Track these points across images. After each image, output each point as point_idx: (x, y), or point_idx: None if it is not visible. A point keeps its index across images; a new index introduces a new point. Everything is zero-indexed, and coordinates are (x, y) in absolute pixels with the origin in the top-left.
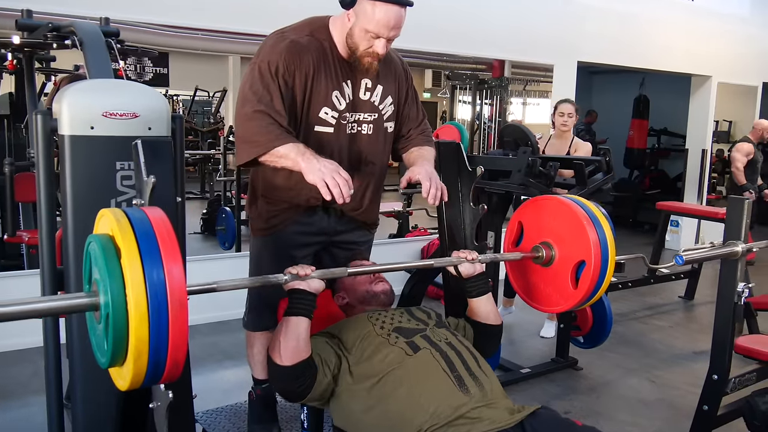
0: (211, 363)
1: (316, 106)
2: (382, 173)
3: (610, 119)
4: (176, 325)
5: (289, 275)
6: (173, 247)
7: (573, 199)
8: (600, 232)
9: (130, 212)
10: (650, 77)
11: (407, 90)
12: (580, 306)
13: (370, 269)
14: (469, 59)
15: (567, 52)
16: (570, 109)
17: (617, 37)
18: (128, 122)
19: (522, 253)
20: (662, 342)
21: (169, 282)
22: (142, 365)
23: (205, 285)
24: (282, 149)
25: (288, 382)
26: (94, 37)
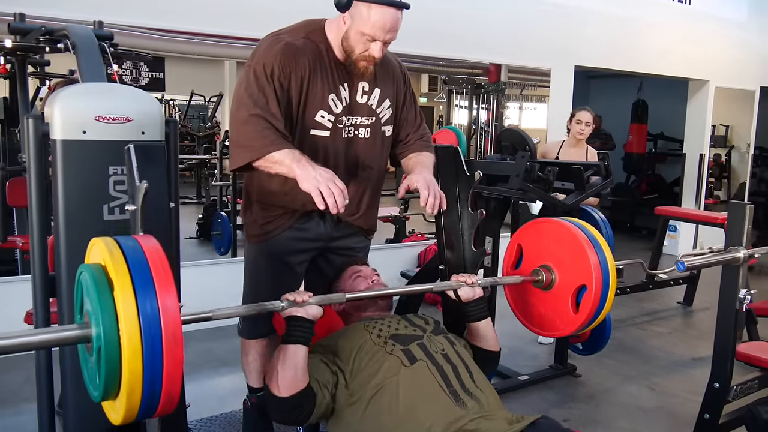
0: (206, 370)
1: (312, 109)
2: (380, 178)
3: (608, 124)
4: (171, 359)
5: (286, 302)
6: (167, 278)
7: (573, 222)
8: (601, 256)
9: (122, 241)
10: (648, 81)
11: (405, 93)
12: (581, 331)
13: (367, 294)
14: (465, 63)
15: (564, 56)
16: (588, 117)
17: (614, 42)
18: (121, 126)
19: (522, 277)
20: (661, 348)
21: (164, 315)
22: (136, 400)
23: (201, 314)
24: (277, 155)
25: (287, 413)
26: (86, 41)
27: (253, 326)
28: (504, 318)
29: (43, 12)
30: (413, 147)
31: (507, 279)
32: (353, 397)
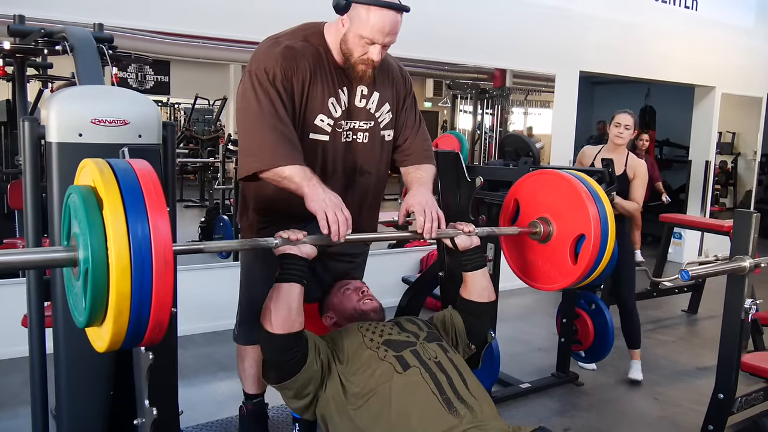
0: (205, 374)
1: (312, 112)
2: (380, 183)
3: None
4: (160, 282)
5: (279, 239)
6: (159, 200)
7: (571, 173)
8: (600, 207)
9: (114, 162)
10: (655, 88)
11: (405, 97)
12: (580, 282)
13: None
14: (470, 68)
15: (569, 61)
16: (628, 120)
17: (619, 47)
18: (117, 129)
19: (519, 228)
20: (665, 357)
21: (155, 236)
22: (123, 323)
23: (192, 244)
24: (287, 170)
25: (279, 353)
26: (85, 43)
27: (250, 332)
28: (506, 323)
29: (48, 15)
30: (413, 157)
31: (504, 230)
32: (347, 403)
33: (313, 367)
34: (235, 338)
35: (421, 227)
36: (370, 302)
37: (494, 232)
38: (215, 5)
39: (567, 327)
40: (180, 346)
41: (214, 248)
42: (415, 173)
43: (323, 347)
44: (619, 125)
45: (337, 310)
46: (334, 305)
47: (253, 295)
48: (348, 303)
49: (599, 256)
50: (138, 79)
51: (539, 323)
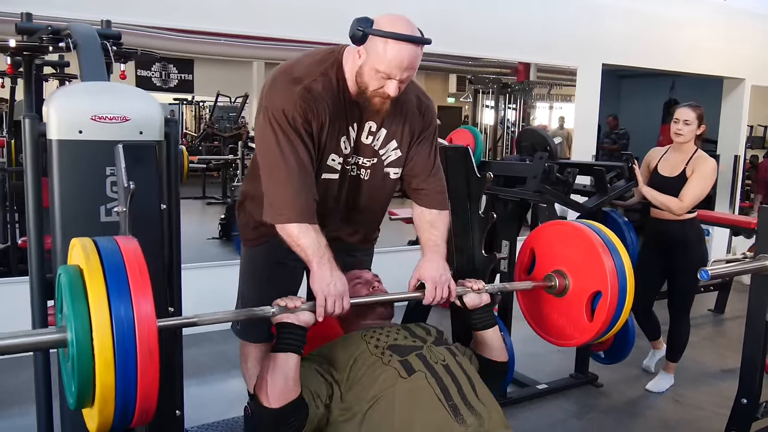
0: (219, 372)
1: (326, 153)
2: (380, 213)
3: (638, 124)
4: (145, 372)
5: (276, 307)
6: (145, 284)
7: (588, 224)
8: (617, 260)
9: (101, 243)
10: (681, 81)
11: (421, 132)
12: (597, 340)
13: (365, 300)
14: (493, 63)
15: (591, 54)
16: (687, 114)
17: (643, 38)
18: (118, 126)
19: (533, 283)
20: (689, 358)
21: (138, 324)
22: (109, 412)
23: (184, 319)
24: (303, 240)
25: (276, 426)
26: (88, 39)
27: (251, 328)
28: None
29: (64, 14)
30: (427, 199)
31: (518, 285)
32: (349, 411)
33: (316, 416)
34: (235, 331)
35: (429, 298)
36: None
37: (506, 288)
38: (238, 2)
39: None
40: (195, 343)
41: (210, 321)
42: (428, 232)
43: (321, 386)
44: (678, 121)
45: None
46: None
47: (252, 294)
48: (357, 295)
49: (617, 314)
50: (162, 77)
51: None
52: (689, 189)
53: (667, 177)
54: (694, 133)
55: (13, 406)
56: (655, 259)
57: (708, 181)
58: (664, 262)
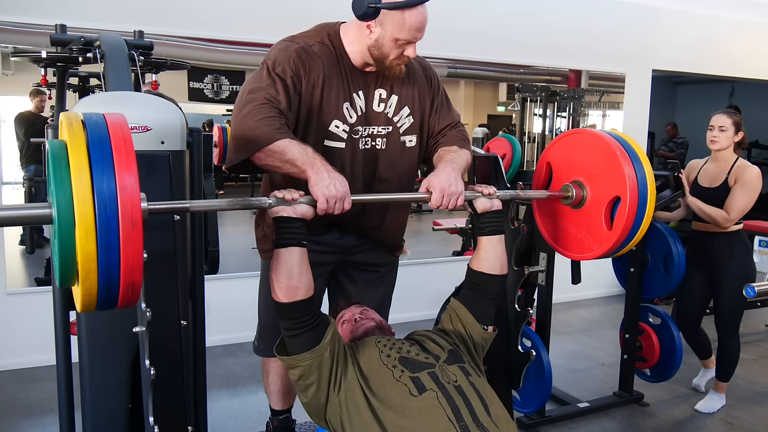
0: (251, 384)
1: (327, 118)
2: (405, 189)
3: (695, 132)
4: (128, 242)
5: (273, 199)
6: (129, 157)
7: (608, 132)
8: (638, 167)
9: (87, 116)
10: (741, 86)
11: (433, 98)
12: (617, 251)
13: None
14: (543, 71)
15: (640, 59)
16: (723, 121)
17: (697, 43)
18: (139, 136)
19: (548, 192)
20: (743, 377)
21: (121, 195)
22: (92, 284)
23: (175, 204)
24: (289, 153)
25: (289, 320)
26: (115, 50)
27: (270, 344)
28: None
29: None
30: (444, 140)
31: (531, 193)
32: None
33: (324, 353)
34: (256, 350)
35: (435, 205)
36: (363, 325)
37: (519, 195)
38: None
39: (630, 343)
40: (231, 353)
41: (201, 207)
42: (445, 153)
43: (343, 346)
44: (713, 128)
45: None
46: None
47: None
48: (347, 335)
49: (637, 220)
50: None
51: (604, 337)
52: (734, 200)
53: (708, 188)
54: (731, 140)
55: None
56: (700, 274)
57: (754, 190)
58: (709, 276)
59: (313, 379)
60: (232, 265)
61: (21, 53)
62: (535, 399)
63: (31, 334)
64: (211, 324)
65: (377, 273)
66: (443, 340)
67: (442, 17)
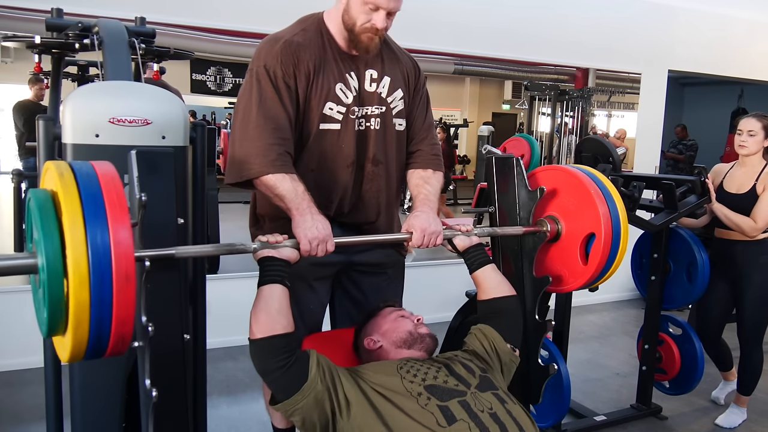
0: (253, 391)
1: (320, 101)
2: (396, 178)
3: (703, 134)
4: (121, 294)
5: (258, 243)
6: (122, 210)
7: (581, 169)
8: (611, 205)
9: (76, 166)
10: (750, 89)
11: (416, 90)
12: (592, 284)
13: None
14: (550, 69)
15: (656, 59)
16: (752, 125)
17: (713, 43)
18: (138, 130)
19: (523, 228)
20: (764, 390)
21: (116, 250)
22: (83, 334)
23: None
24: (280, 188)
25: (265, 359)
26: (115, 36)
27: None
28: (579, 344)
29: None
30: (420, 160)
31: (509, 230)
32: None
33: (317, 386)
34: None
35: (416, 244)
36: (425, 327)
37: (496, 232)
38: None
39: (649, 354)
40: (231, 357)
41: (187, 254)
42: (421, 188)
43: (332, 370)
44: (741, 132)
45: (386, 334)
46: (382, 328)
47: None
48: (404, 326)
49: (611, 256)
50: (216, 81)
51: (617, 345)
52: (763, 208)
53: (735, 194)
54: (761, 145)
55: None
56: (722, 283)
57: None
58: (732, 286)
59: (315, 418)
60: (232, 263)
61: (13, 38)
62: (551, 413)
63: (20, 335)
64: (211, 325)
65: (384, 275)
66: (473, 364)
67: (450, 11)
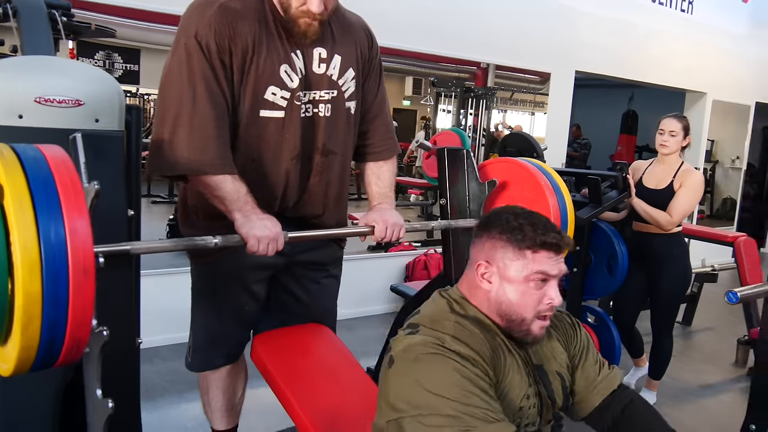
0: (171, 394)
1: (261, 85)
2: (346, 166)
3: (596, 134)
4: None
5: (220, 238)
6: (78, 197)
7: (531, 162)
8: (560, 197)
9: (19, 148)
10: (640, 92)
11: (371, 62)
12: None
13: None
14: (451, 66)
15: (564, 60)
16: (674, 125)
17: (614, 48)
18: (68, 111)
19: (475, 220)
20: (666, 373)
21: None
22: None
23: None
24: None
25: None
26: (31, 7)
27: (207, 354)
28: None
29: None
30: (374, 149)
31: (463, 222)
32: None
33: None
34: (189, 366)
35: (379, 237)
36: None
37: (451, 224)
38: None
39: None
40: (146, 359)
41: (144, 249)
42: (374, 185)
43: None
44: (663, 132)
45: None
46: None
47: (210, 319)
48: (541, 297)
49: None
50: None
51: None
52: (678, 203)
53: (654, 190)
54: (680, 144)
55: None
56: (638, 274)
57: (696, 194)
58: (647, 276)
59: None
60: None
61: None
62: None
63: None
64: None
65: (326, 271)
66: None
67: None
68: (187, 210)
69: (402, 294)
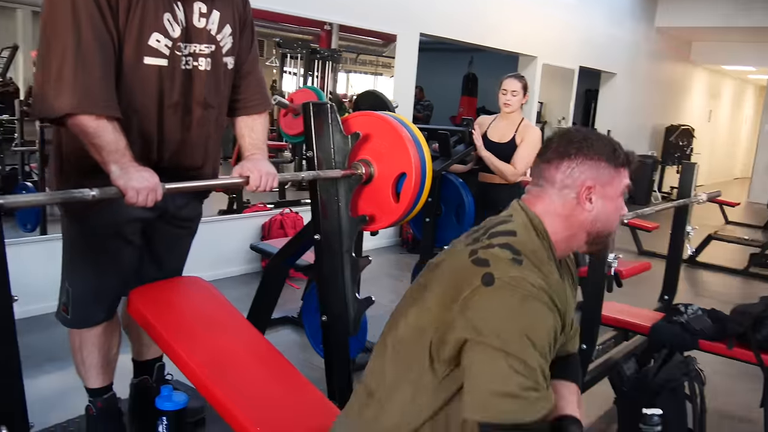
0: (28, 368)
1: (145, 30)
2: (222, 121)
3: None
4: None
5: (97, 190)
6: None
7: (391, 115)
8: (419, 147)
9: None
10: (478, 56)
11: (245, 19)
12: (403, 220)
13: (181, 186)
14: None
15: (410, 22)
16: (515, 85)
17: (455, 12)
18: None
19: (341, 171)
20: None
21: None
22: None
23: None
24: (101, 137)
25: None
26: None
27: (87, 309)
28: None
29: None
30: (246, 104)
31: (329, 172)
32: None
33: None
34: (65, 322)
35: (254, 186)
36: None
37: (319, 175)
38: None
39: None
40: None
41: (15, 203)
42: (247, 137)
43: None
44: (506, 92)
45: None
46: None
47: (88, 273)
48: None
49: (419, 193)
50: None
51: (387, 286)
52: (521, 156)
53: (498, 143)
54: (521, 102)
55: None
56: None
57: (536, 148)
58: None
59: None
60: None
61: None
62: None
63: None
64: None
65: (189, 229)
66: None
67: None
68: (61, 163)
69: (263, 252)
